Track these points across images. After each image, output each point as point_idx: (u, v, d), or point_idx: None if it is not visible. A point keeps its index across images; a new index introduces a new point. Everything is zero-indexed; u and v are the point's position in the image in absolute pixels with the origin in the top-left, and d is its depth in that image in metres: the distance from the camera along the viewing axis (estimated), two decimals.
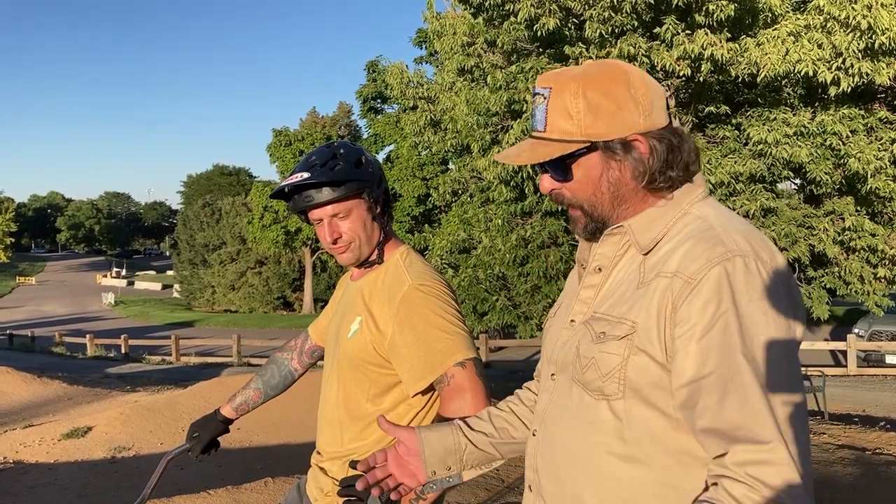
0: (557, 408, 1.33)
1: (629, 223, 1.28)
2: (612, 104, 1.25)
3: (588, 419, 1.25)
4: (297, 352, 2.30)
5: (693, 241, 1.19)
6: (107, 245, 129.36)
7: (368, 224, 1.91)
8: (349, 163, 1.87)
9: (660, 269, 1.21)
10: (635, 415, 1.20)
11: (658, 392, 1.18)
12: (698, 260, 1.16)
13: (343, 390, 1.93)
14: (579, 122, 1.25)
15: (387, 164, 37.82)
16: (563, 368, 1.33)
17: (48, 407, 12.06)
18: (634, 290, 1.23)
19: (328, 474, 1.92)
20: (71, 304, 62.26)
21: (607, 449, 1.22)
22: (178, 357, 23.77)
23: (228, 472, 6.64)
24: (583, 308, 1.34)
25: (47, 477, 7.52)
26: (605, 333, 1.23)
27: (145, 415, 9.45)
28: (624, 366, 1.20)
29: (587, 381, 1.25)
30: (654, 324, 1.17)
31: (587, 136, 1.25)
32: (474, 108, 9.80)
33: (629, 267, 1.28)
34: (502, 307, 10.22)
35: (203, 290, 56.27)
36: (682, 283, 1.15)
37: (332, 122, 49.48)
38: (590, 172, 1.28)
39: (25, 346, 29.05)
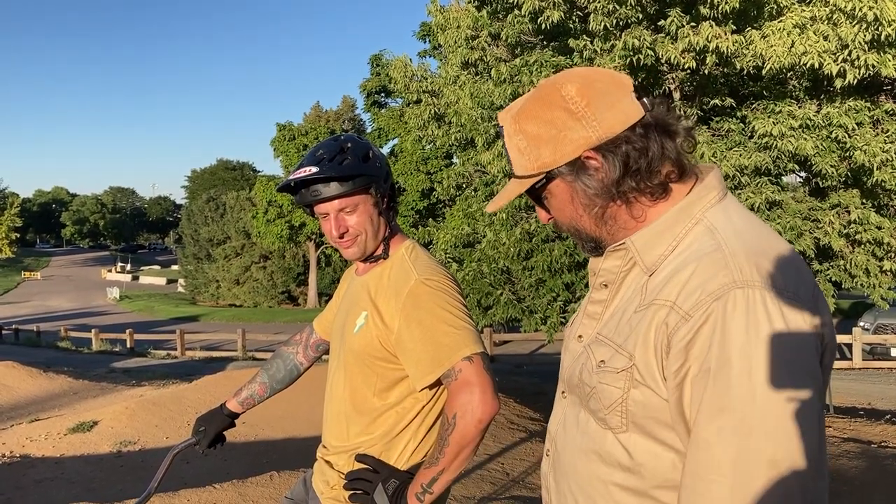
0: (568, 430, 1.28)
1: (631, 239, 1.20)
2: (550, 129, 1.18)
3: (595, 448, 1.19)
4: (303, 346, 2.30)
5: (694, 266, 1.09)
6: (111, 240, 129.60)
7: (375, 219, 1.91)
8: (357, 157, 1.86)
9: (657, 294, 1.12)
10: (642, 449, 1.13)
11: (663, 428, 1.10)
12: (696, 292, 1.06)
13: (349, 385, 1.93)
14: (529, 156, 1.21)
15: (391, 158, 37.80)
16: (571, 389, 1.28)
17: (54, 401, 12.11)
18: (633, 314, 1.15)
19: (334, 468, 1.92)
20: (76, 298, 62.42)
21: (614, 481, 1.16)
22: (184, 351, 23.84)
23: (234, 467, 6.66)
24: (591, 324, 1.27)
25: (54, 471, 7.56)
26: (605, 363, 1.16)
27: (151, 409, 9.48)
28: (625, 399, 1.12)
29: (592, 409, 1.19)
30: (651, 358, 1.09)
31: (540, 168, 1.20)
32: (478, 101, 9.78)
33: (635, 285, 1.20)
34: (507, 301, 10.21)
35: (208, 285, 56.37)
36: (677, 318, 1.06)
37: (336, 117, 49.52)
38: (560, 200, 1.23)
39: (31, 341, 29.14)
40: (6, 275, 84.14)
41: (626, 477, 1.14)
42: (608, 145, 1.16)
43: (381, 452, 1.87)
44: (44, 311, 52.34)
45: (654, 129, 1.17)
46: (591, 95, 1.17)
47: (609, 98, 1.17)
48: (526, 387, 11.22)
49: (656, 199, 1.19)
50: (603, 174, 1.17)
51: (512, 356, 18.92)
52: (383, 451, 1.87)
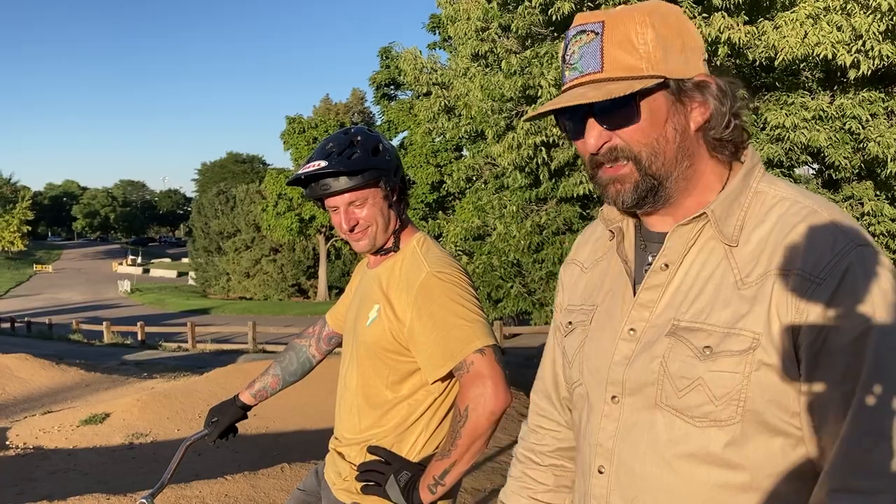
0: (634, 438, 1.13)
1: (711, 208, 1.09)
2: (678, 40, 1.08)
3: (688, 450, 1.07)
4: (315, 339, 2.30)
5: (804, 229, 1.03)
6: (122, 233, 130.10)
7: (385, 212, 1.90)
8: (366, 150, 1.86)
9: (768, 265, 1.04)
10: (753, 437, 1.04)
11: (777, 409, 1.03)
12: (820, 250, 1.00)
13: (362, 377, 1.93)
14: (647, 55, 1.05)
15: (400, 150, 37.79)
16: (635, 390, 1.13)
17: (66, 393, 12.18)
18: (734, 290, 1.05)
19: (346, 459, 1.92)
20: (87, 291, 62.77)
21: (718, 481, 1.06)
22: (194, 344, 23.93)
23: (245, 459, 6.68)
24: (644, 314, 1.14)
25: (67, 463, 7.60)
26: (713, 349, 1.04)
27: (162, 401, 9.52)
28: (746, 385, 1.02)
29: (686, 406, 1.06)
30: (777, 333, 1.01)
31: (659, 71, 1.05)
32: (489, 93, 9.75)
33: (708, 261, 1.10)
34: (517, 294, 10.20)
35: (218, 278, 56.59)
36: (807, 283, 1.00)
37: (346, 109, 49.56)
38: (655, 115, 1.07)
39: (43, 334, 29.35)
40: (18, 268, 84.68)
41: (732, 474, 1.05)
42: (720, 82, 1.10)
43: (393, 444, 1.87)
44: (55, 303, 52.66)
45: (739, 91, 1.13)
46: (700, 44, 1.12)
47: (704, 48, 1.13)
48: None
49: (721, 158, 1.13)
50: (721, 105, 1.09)
51: (522, 349, 18.92)
52: (395, 443, 1.87)
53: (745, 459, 1.04)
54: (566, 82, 1.11)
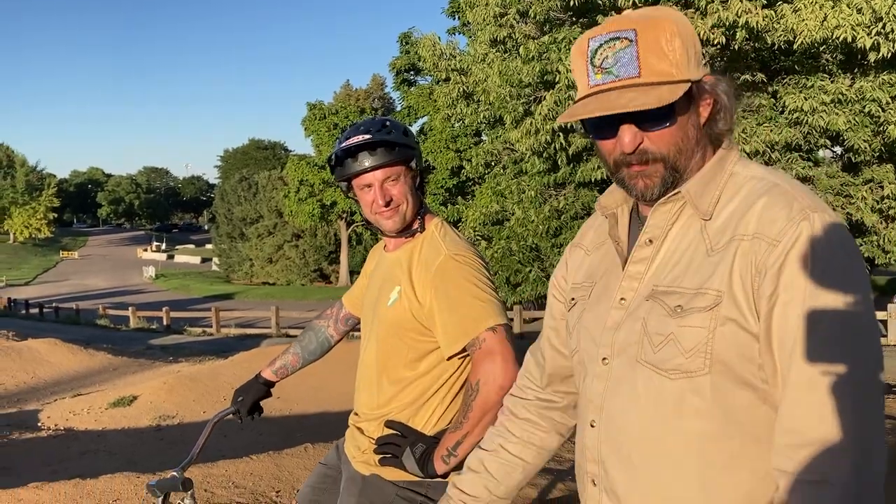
0: (619, 394, 1.25)
1: (686, 188, 1.22)
2: (693, 47, 1.20)
3: (664, 401, 1.18)
4: (333, 320, 2.42)
5: (766, 200, 1.15)
6: (146, 220, 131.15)
7: (413, 191, 2.02)
8: (399, 130, 2.00)
9: (734, 232, 1.15)
10: (721, 388, 1.14)
11: (745, 362, 1.13)
12: (778, 220, 1.11)
13: (381, 355, 2.04)
14: (676, 62, 1.16)
15: (420, 136, 37.81)
16: (620, 351, 1.25)
17: (95, 377, 12.41)
18: (705, 258, 1.17)
19: (365, 434, 2.04)
20: (113, 277, 63.47)
21: (691, 429, 1.16)
22: (219, 329, 24.23)
23: (269, 440, 6.83)
24: (633, 284, 1.26)
25: (97, 443, 7.79)
26: (683, 307, 1.16)
27: (188, 384, 9.70)
28: (711, 338, 1.13)
29: (661, 360, 1.18)
30: (739, 290, 1.12)
31: (686, 76, 1.17)
32: (507, 79, 9.78)
33: (686, 234, 1.22)
34: (535, 278, 10.27)
35: (241, 264, 57.03)
36: (766, 245, 1.11)
37: (366, 95, 49.55)
38: (681, 118, 1.20)
39: (71, 319, 29.77)
40: (45, 254, 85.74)
41: (706, 423, 1.15)
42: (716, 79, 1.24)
43: (409, 418, 1.98)
44: (82, 289, 53.31)
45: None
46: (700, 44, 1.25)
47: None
48: None
49: (716, 146, 1.26)
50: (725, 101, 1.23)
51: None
52: (411, 418, 1.98)
53: (715, 409, 1.14)
54: (596, 85, 1.20)
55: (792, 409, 1.08)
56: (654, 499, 1.21)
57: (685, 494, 1.18)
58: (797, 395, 1.07)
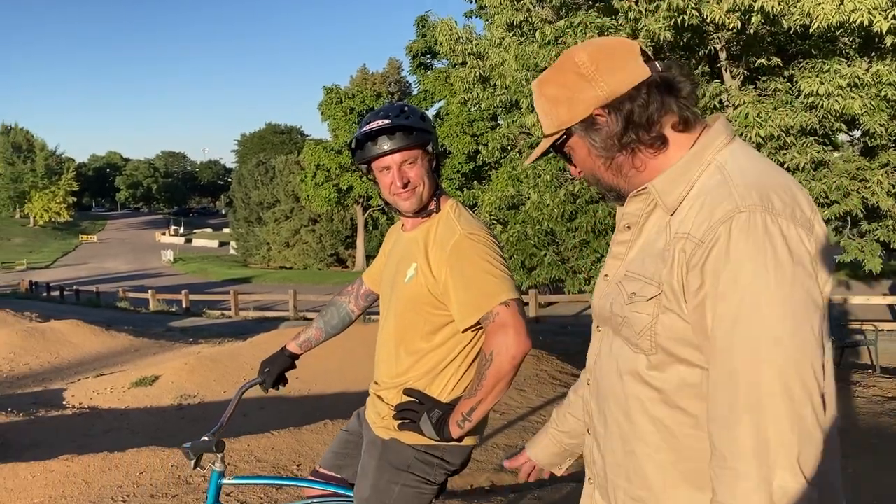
0: (604, 358, 1.43)
1: (653, 184, 1.33)
2: (566, 92, 1.36)
3: (629, 369, 1.34)
4: (354, 296, 2.55)
5: (704, 199, 1.24)
6: (164, 203, 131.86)
7: (429, 174, 2.13)
8: (417, 115, 2.11)
9: (677, 229, 1.26)
10: (669, 367, 1.28)
11: (687, 347, 1.25)
12: (706, 221, 1.20)
13: (399, 328, 2.16)
14: (551, 116, 1.39)
15: (437, 120, 37.81)
16: (603, 322, 1.44)
17: (117, 357, 12.65)
18: (661, 250, 1.29)
19: (384, 401, 2.16)
20: (132, 261, 64.07)
21: (648, 396, 1.31)
22: (237, 312, 24.47)
23: (290, 418, 6.98)
24: (615, 264, 1.42)
25: (120, 421, 7.99)
26: (636, 294, 1.30)
27: (209, 365, 9.88)
28: (654, 324, 1.27)
29: (624, 336, 1.35)
30: (675, 284, 1.23)
31: (559, 125, 1.38)
32: (523, 63, 9.82)
33: (657, 226, 1.34)
34: (550, 262, 10.34)
35: (259, 248, 57.36)
36: (693, 245, 1.21)
37: (382, 79, 49.62)
38: (580, 154, 1.40)
39: (91, 302, 30.16)
40: (64, 238, 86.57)
41: (657, 393, 1.30)
42: (615, 103, 1.31)
43: (426, 387, 2.10)
44: (101, 272, 53.87)
45: (657, 88, 1.31)
46: (600, 60, 1.33)
47: (616, 62, 1.33)
48: (570, 346, 11.39)
49: (656, 149, 1.34)
50: (608, 128, 1.33)
51: (558, 317, 19.07)
52: (428, 386, 2.10)
53: (662, 382, 1.29)
54: None
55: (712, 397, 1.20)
56: (620, 452, 1.38)
57: (643, 451, 1.34)
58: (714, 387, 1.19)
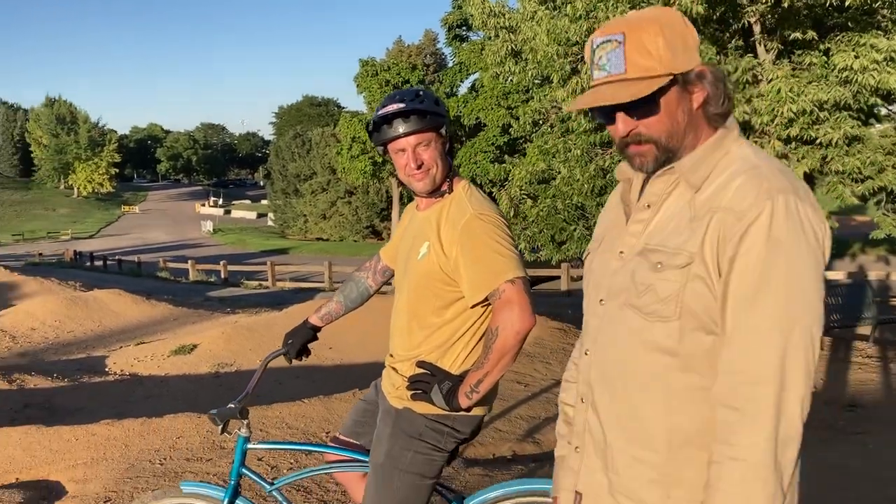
0: (608, 329, 1.50)
1: (679, 164, 1.43)
2: (681, 42, 1.39)
3: (641, 338, 1.42)
4: (372, 271, 2.67)
5: (743, 179, 1.36)
6: (203, 175, 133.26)
7: (442, 156, 2.24)
8: (431, 100, 2.21)
9: (711, 204, 1.36)
10: (687, 332, 1.37)
11: (708, 312, 1.35)
12: (748, 197, 1.32)
13: (412, 303, 2.28)
14: (660, 58, 1.36)
15: (472, 92, 37.68)
16: (614, 295, 1.49)
17: (157, 326, 12.99)
18: (688, 223, 1.38)
19: (399, 373, 2.29)
20: (172, 231, 65.08)
21: (660, 363, 1.40)
22: (274, 282, 24.84)
23: (323, 387, 7.17)
24: (632, 241, 1.48)
25: (160, 388, 8.27)
26: (663, 263, 1.39)
27: (245, 334, 10.13)
28: (682, 291, 1.36)
29: (641, 304, 1.41)
30: (708, 253, 1.34)
31: (669, 70, 1.36)
32: (554, 37, 9.80)
33: (678, 203, 1.43)
34: (580, 236, 10.38)
35: (296, 219, 57.92)
36: (734, 217, 1.32)
37: (418, 51, 49.46)
38: (669, 106, 1.39)
39: (133, 271, 30.76)
40: (107, 208, 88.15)
41: (670, 359, 1.39)
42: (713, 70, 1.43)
43: (438, 359, 2.23)
44: (143, 242, 54.85)
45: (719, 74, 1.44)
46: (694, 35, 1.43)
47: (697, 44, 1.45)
48: None
49: (715, 127, 1.45)
50: (713, 87, 1.41)
51: None
52: (439, 359, 2.23)
53: (681, 348, 1.38)
54: (595, 80, 1.42)
55: (731, 349, 1.33)
56: (626, 416, 1.46)
57: (651, 415, 1.43)
58: (740, 341, 1.32)
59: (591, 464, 1.53)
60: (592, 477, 1.52)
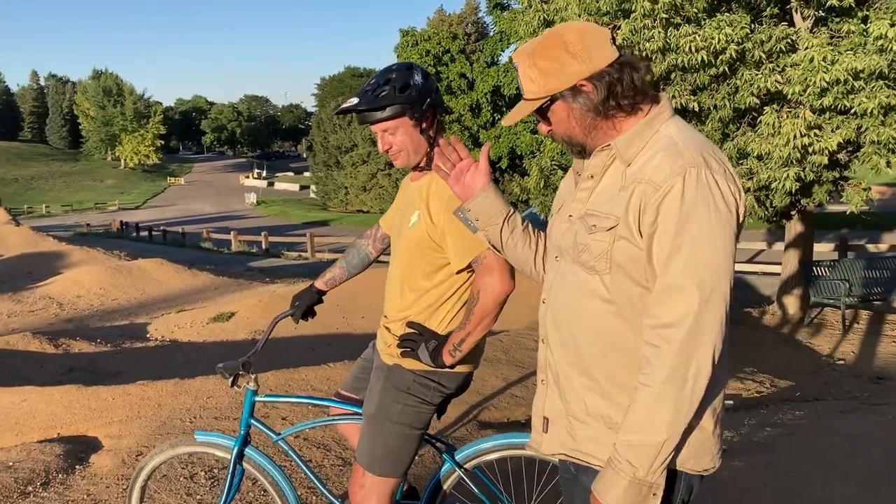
0: (560, 281, 1.77)
1: (615, 142, 1.68)
2: (555, 65, 1.65)
3: (584, 289, 1.69)
4: (372, 239, 2.84)
5: (661, 155, 1.60)
6: (247, 147, 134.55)
7: (415, 137, 2.36)
8: (395, 89, 2.30)
9: (636, 176, 1.61)
10: (618, 283, 1.64)
11: (634, 266, 1.61)
12: (664, 171, 1.57)
13: (403, 268, 2.43)
14: (538, 84, 1.67)
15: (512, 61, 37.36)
16: (563, 252, 1.76)
17: (197, 295, 13.36)
18: (617, 192, 1.64)
19: (391, 332, 2.45)
20: (216, 203, 66.12)
21: (597, 308, 1.67)
22: (314, 253, 25.22)
23: (353, 353, 7.37)
24: (578, 206, 1.74)
25: (198, 354, 8.58)
26: (596, 226, 1.65)
27: (281, 302, 10.38)
28: (610, 249, 1.62)
29: (583, 261, 1.68)
30: (631, 217, 1.59)
31: (546, 92, 1.67)
32: (585, 7, 9.76)
33: (614, 174, 1.68)
34: None
35: (337, 191, 58.31)
36: (652, 188, 1.57)
37: (459, 21, 49.08)
38: (559, 116, 1.70)
39: (177, 242, 31.47)
40: (153, 180, 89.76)
41: (606, 305, 1.65)
42: (596, 76, 1.65)
43: (426, 320, 2.38)
44: (188, 214, 55.86)
45: (626, 66, 1.67)
46: (585, 41, 1.66)
47: (596, 43, 1.67)
48: None
49: (628, 114, 1.69)
50: (593, 96, 1.66)
51: None
52: (427, 319, 2.38)
53: (615, 296, 1.65)
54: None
55: (655, 300, 1.58)
56: (573, 353, 1.73)
57: (592, 352, 1.70)
58: (660, 291, 1.57)
59: (552, 392, 1.80)
60: (554, 404, 1.79)
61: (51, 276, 14.76)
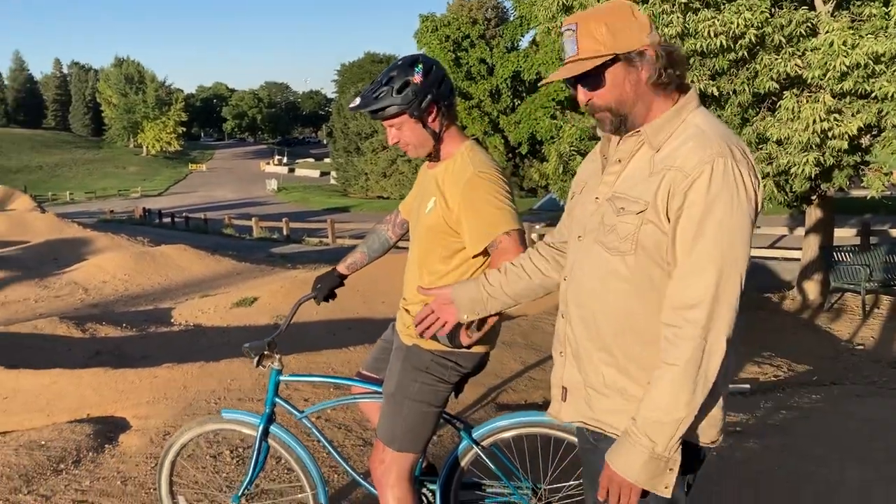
0: (582, 261, 1.83)
1: (645, 128, 1.74)
2: (626, 25, 1.70)
3: (606, 268, 1.76)
4: (392, 224, 2.93)
5: (692, 143, 1.66)
6: (268, 133, 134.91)
7: (418, 133, 2.43)
8: (392, 89, 2.37)
9: (666, 163, 1.68)
10: (640, 264, 1.71)
11: (657, 249, 1.68)
12: (693, 159, 1.63)
13: (421, 252, 2.52)
14: (604, 42, 1.68)
15: (533, 47, 37.33)
16: (588, 232, 1.82)
17: (220, 280, 13.51)
18: (647, 177, 1.70)
19: (410, 314, 2.53)
20: (238, 189, 66.45)
21: (618, 287, 1.74)
22: (334, 239, 25.39)
23: (373, 337, 7.45)
24: (606, 189, 1.80)
25: (221, 338, 8.71)
26: (624, 209, 1.72)
27: (303, 287, 10.47)
28: (637, 231, 1.69)
29: (607, 241, 1.74)
30: (660, 202, 1.66)
31: (612, 49, 1.69)
32: None
33: (642, 160, 1.74)
34: None
35: (357, 178, 58.38)
36: (682, 175, 1.63)
37: (479, 5, 48.85)
38: (615, 79, 1.72)
39: (199, 228, 31.74)
40: (175, 167, 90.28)
41: (625, 285, 1.73)
42: (660, 46, 1.72)
43: None
44: (210, 200, 56.19)
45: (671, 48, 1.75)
46: (644, 16, 1.74)
47: (650, 25, 1.74)
48: None
49: (667, 96, 1.75)
50: (654, 63, 1.71)
51: None
52: None
53: (635, 277, 1.73)
54: (566, 58, 1.77)
55: (676, 283, 1.66)
56: (592, 329, 1.81)
57: (610, 328, 1.78)
58: (682, 274, 1.65)
59: (571, 365, 1.89)
60: (573, 375, 1.88)
61: (76, 262, 14.97)
